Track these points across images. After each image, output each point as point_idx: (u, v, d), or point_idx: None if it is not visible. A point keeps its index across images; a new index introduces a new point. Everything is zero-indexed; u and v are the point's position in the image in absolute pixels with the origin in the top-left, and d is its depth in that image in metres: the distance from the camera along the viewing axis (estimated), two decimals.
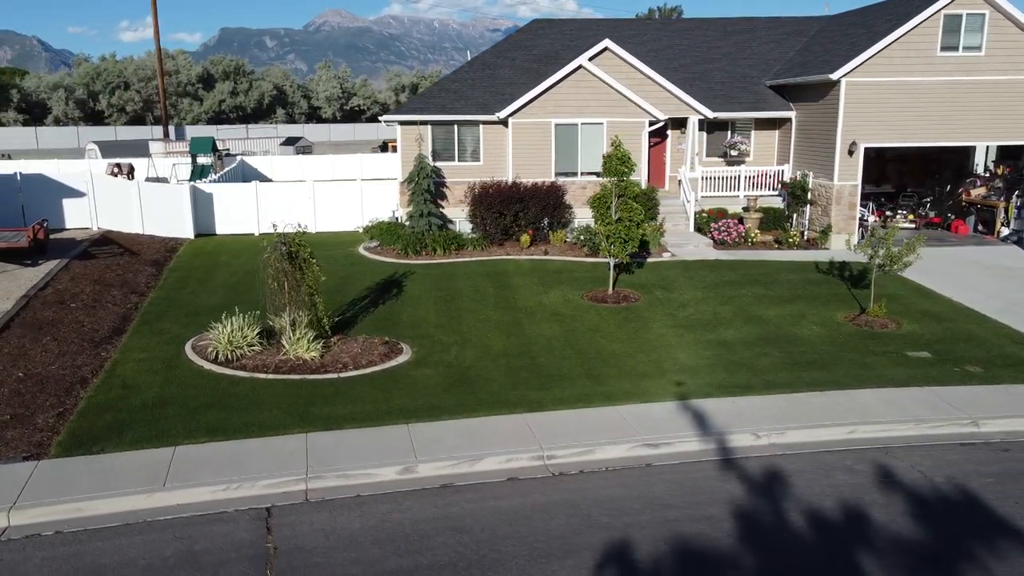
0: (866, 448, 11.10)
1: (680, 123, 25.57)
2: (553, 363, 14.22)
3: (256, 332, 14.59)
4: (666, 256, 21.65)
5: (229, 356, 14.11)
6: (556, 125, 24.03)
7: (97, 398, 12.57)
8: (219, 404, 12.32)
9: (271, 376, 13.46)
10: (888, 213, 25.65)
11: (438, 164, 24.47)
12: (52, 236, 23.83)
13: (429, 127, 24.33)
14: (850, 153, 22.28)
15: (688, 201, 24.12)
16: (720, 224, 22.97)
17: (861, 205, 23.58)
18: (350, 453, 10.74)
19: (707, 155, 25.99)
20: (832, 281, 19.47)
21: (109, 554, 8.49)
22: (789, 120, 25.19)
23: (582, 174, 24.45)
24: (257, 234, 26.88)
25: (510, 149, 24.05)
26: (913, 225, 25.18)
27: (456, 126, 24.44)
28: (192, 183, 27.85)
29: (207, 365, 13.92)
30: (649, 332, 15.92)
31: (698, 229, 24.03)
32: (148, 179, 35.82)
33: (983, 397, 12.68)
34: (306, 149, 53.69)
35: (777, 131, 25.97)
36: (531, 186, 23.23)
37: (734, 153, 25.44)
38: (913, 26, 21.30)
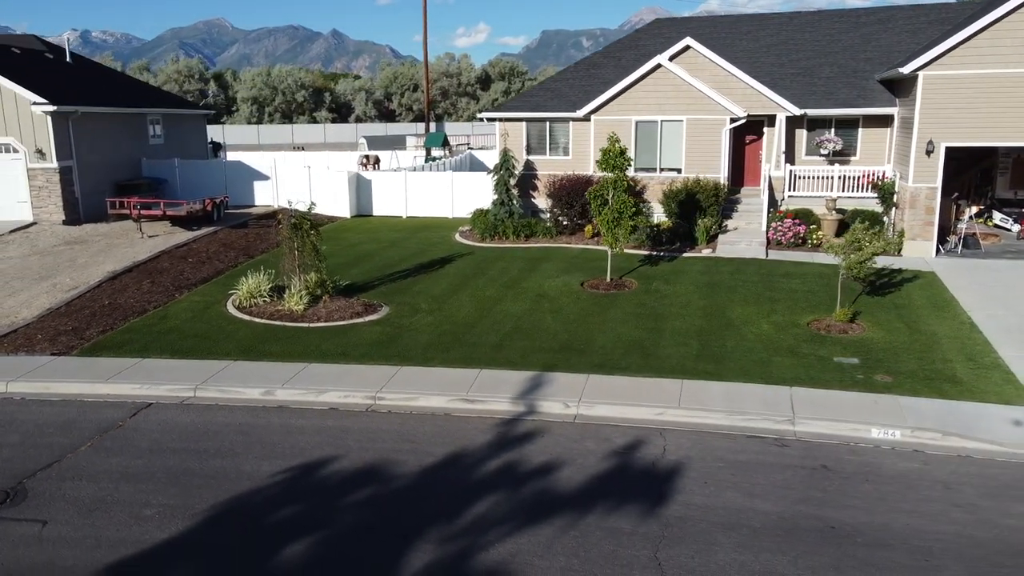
0: (641, 428, 11.74)
1: (789, 121, 25.04)
2: (482, 332, 16.12)
3: (269, 287, 18.34)
4: (706, 252, 21.91)
5: (246, 304, 18.01)
6: (637, 122, 25.04)
7: (136, 324, 17.09)
8: (205, 335, 16.17)
9: (261, 320, 17.08)
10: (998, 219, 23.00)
11: (531, 158, 26.72)
12: (240, 210, 30.13)
13: (524, 124, 26.65)
14: (928, 153, 20.63)
15: (763, 200, 23.79)
16: (777, 224, 22.51)
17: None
18: (240, 377, 13.89)
19: (806, 154, 25.17)
20: (848, 288, 18.60)
21: (41, 414, 12.50)
22: (893, 117, 23.60)
23: (662, 170, 25.18)
24: (404, 216, 31.14)
25: (592, 145, 25.53)
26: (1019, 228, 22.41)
27: (548, 123, 26.47)
28: (354, 172, 32.82)
29: (230, 310, 17.93)
30: (602, 316, 17.03)
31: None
32: (389, 169, 41.57)
33: (839, 401, 12.42)
34: None
35: (888, 129, 24.36)
36: (598, 180, 24.51)
37: (824, 152, 24.40)
38: (1002, 15, 19.22)
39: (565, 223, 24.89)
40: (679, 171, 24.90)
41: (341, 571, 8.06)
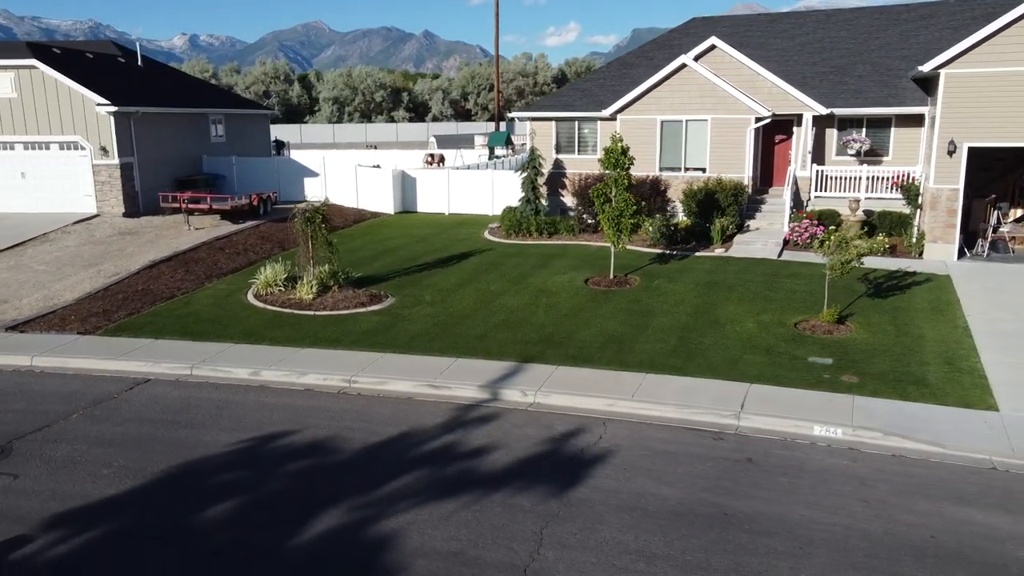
0: (588, 417, 12.16)
1: (817, 121, 24.71)
2: (473, 324, 16.77)
3: (284, 277, 19.48)
4: (719, 251, 21.92)
5: (263, 293, 19.21)
6: (662, 122, 25.18)
7: (161, 308, 18.50)
8: (218, 320, 17.40)
9: (273, 308, 18.23)
10: None
11: (560, 156, 27.19)
12: (289, 205, 31.63)
13: (553, 123, 27.14)
14: (950, 154, 20.10)
15: (786, 200, 23.57)
16: (795, 225, 22.29)
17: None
18: (235, 358, 14.98)
19: (836, 154, 24.77)
20: (848, 290, 18.40)
21: (50, 385, 13.87)
22: (925, 116, 22.99)
23: (686, 169, 25.24)
24: (447, 213, 32.11)
25: None
26: None
27: (577, 122, 26.89)
28: (399, 170, 33.94)
29: (248, 298, 19.16)
30: (594, 311, 17.43)
31: None
32: (454, 167, 42.70)
33: (793, 399, 12.50)
34: None
35: (922, 129, 23.74)
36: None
37: (851, 152, 23.96)
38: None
39: (589, 221, 25.26)
40: (703, 171, 24.91)
41: (251, 530, 8.86)
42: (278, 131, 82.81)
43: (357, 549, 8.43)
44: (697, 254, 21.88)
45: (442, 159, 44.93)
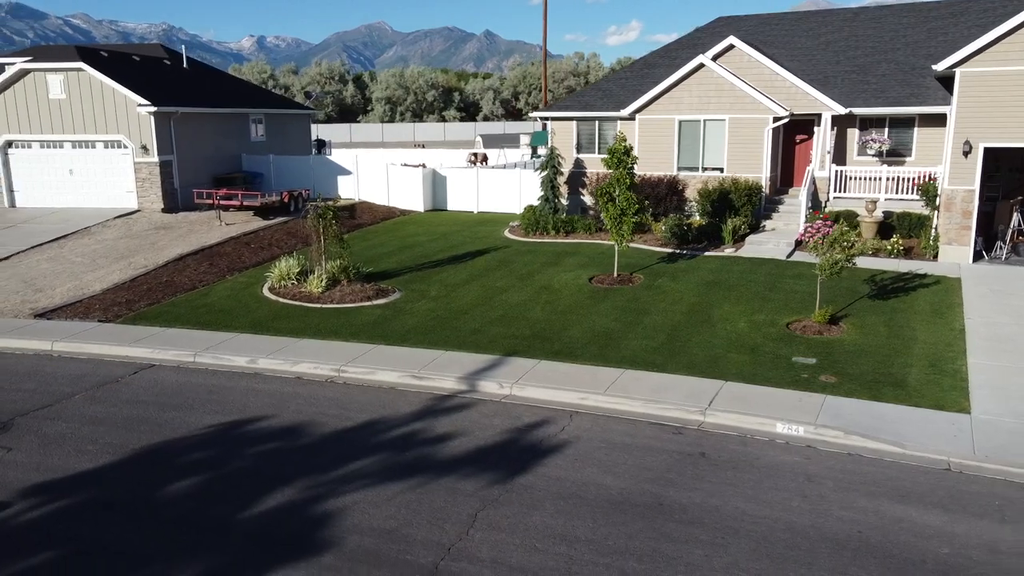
0: (557, 410, 12.47)
1: (837, 120, 24.46)
2: (469, 319, 17.20)
3: (297, 271, 20.22)
4: (729, 251, 21.90)
5: (276, 286, 20.00)
6: (680, 121, 25.22)
7: (179, 299, 19.43)
8: (230, 311, 18.22)
9: (283, 300, 18.98)
10: None
11: (580, 156, 27.44)
12: (323, 203, 32.57)
13: (574, 123, 27.40)
14: (965, 154, 19.71)
15: (802, 201, 23.37)
16: (808, 225, 22.03)
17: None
18: (237, 347, 15.72)
19: (857, 154, 24.45)
20: (850, 291, 18.26)
21: (63, 368, 14.81)
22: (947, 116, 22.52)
23: (704, 169, 25.22)
24: (475, 211, 32.66)
25: (636, 144, 25.90)
26: None
27: (597, 122, 27.09)
28: (430, 169, 34.55)
29: (263, 291, 19.97)
30: (591, 308, 17.69)
31: None
32: (496, 166, 43.28)
33: (765, 397, 12.59)
34: None
35: (946, 128, 23.23)
36: (639, 179, 24.91)
37: (870, 152, 23.61)
38: None
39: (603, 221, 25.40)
40: (721, 170, 24.86)
41: (209, 503, 9.46)
42: (331, 130, 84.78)
43: (300, 524, 8.94)
44: (706, 254, 21.90)
45: (485, 158, 45.50)
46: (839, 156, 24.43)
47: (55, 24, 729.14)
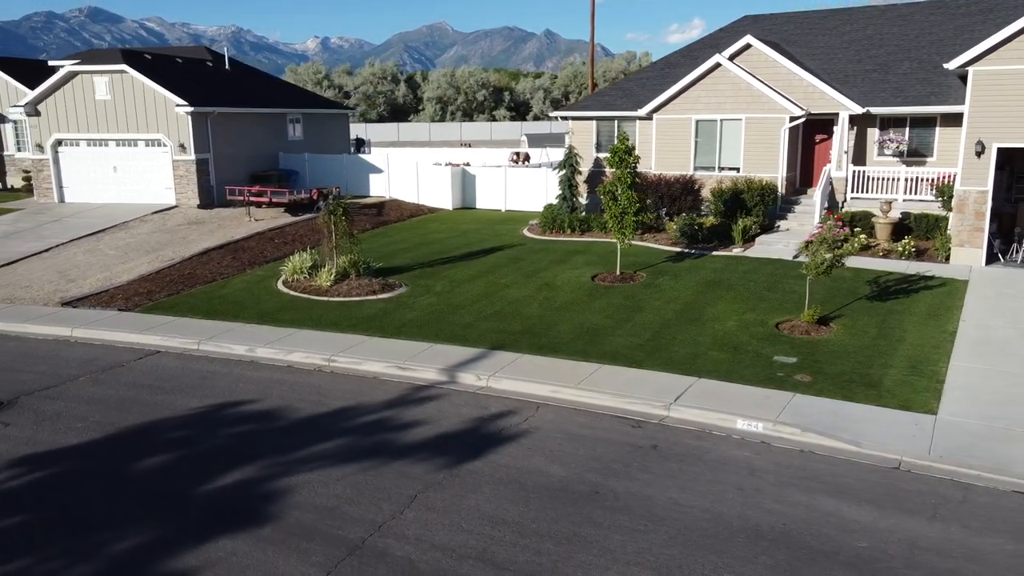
0: (527, 401, 12.82)
1: (855, 120, 24.18)
2: (465, 314, 17.64)
3: (309, 265, 20.97)
4: (737, 251, 21.86)
5: (289, 279, 20.79)
6: (696, 121, 25.23)
7: (198, 290, 20.37)
8: (241, 302, 19.05)
9: (293, 293, 19.74)
10: None
11: (600, 155, 27.63)
12: (353, 199, 33.48)
13: (593, 123, 27.61)
14: (978, 154, 19.34)
15: (817, 201, 23.17)
16: (819, 226, 21.86)
17: None
18: (238, 337, 16.49)
19: (877, 154, 24.10)
20: (854, 292, 18.11)
21: (76, 353, 15.78)
22: None
23: (720, 169, 25.18)
24: (503, 210, 33.12)
25: (653, 143, 26.02)
26: None
27: (616, 122, 27.25)
28: (459, 168, 35.11)
29: (277, 284, 20.77)
30: (586, 305, 17.95)
31: None
32: (537, 165, 43.68)
33: (733, 394, 12.73)
34: None
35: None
36: (656, 177, 25.03)
37: (887, 152, 23.25)
38: None
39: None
40: (737, 170, 24.79)
41: (173, 477, 10.11)
42: (380, 129, 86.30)
43: (251, 499, 9.51)
44: (714, 253, 21.90)
45: (527, 157, 45.82)
46: (859, 156, 24.12)
47: (131, 27, 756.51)
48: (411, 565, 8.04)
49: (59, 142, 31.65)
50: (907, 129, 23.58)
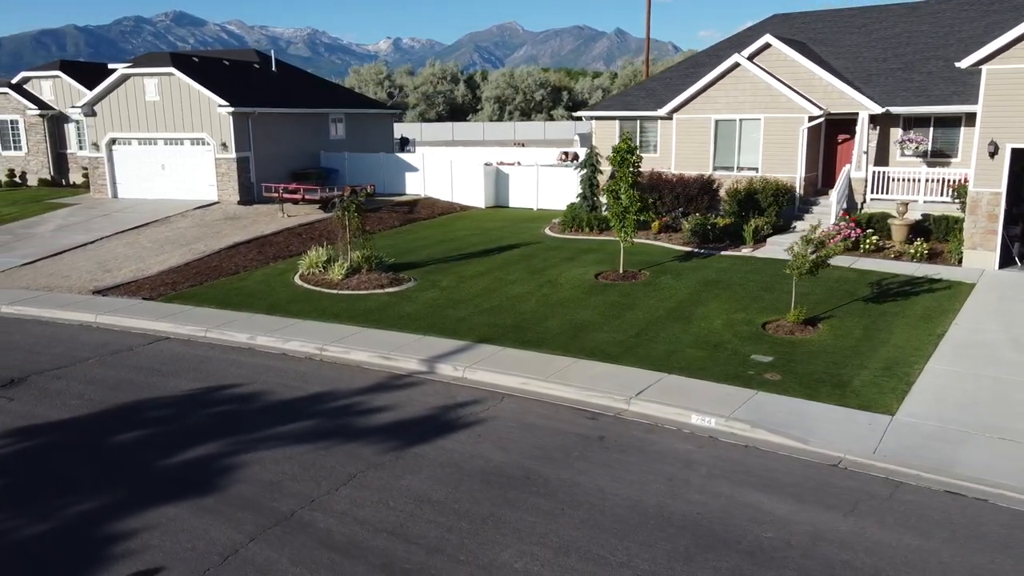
0: (494, 392, 13.26)
1: (877, 120, 23.81)
2: (463, 308, 18.16)
3: (324, 260, 21.82)
4: (746, 251, 21.81)
5: (305, 273, 21.69)
6: (716, 121, 25.19)
7: (219, 282, 21.44)
8: (256, 294, 20.01)
9: (306, 286, 20.61)
10: None
11: None
12: (389, 197, 34.49)
13: (616, 122, 27.80)
14: (991, 155, 18.90)
15: (834, 203, 22.89)
16: (833, 226, 21.66)
17: None
18: (244, 325, 17.39)
19: (900, 154, 23.66)
20: (852, 293, 17.94)
21: (93, 337, 16.93)
22: None
23: (739, 168, 25.10)
24: (535, 208, 33.59)
25: (673, 142, 26.08)
26: None
27: (639, 121, 27.40)
28: (493, 166, 35.67)
29: (294, 278, 21.69)
30: (580, 302, 18.26)
31: None
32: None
33: (696, 390, 12.91)
34: None
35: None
36: (675, 177, 25.10)
37: (907, 152, 22.80)
38: None
39: (641, 218, 25.68)
40: (756, 170, 24.67)
41: (144, 450, 10.92)
42: (435, 129, 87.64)
43: (205, 472, 10.24)
44: (722, 253, 21.90)
45: (575, 156, 46.12)
46: (882, 156, 23.72)
47: (213, 31, 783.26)
48: (328, 536, 8.60)
49: (113, 141, 33.47)
50: (930, 129, 23.08)
